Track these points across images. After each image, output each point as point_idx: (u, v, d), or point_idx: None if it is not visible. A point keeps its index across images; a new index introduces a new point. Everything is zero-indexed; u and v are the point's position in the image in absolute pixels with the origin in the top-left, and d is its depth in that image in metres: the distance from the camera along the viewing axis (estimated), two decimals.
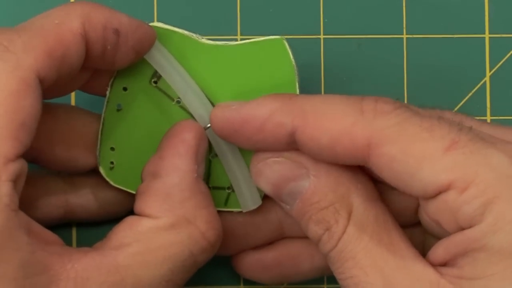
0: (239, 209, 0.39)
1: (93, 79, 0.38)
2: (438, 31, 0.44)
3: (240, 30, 0.44)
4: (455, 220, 0.34)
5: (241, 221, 0.40)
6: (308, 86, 0.43)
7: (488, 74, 0.44)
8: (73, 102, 0.43)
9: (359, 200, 0.36)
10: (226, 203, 0.39)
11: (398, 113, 0.35)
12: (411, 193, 0.35)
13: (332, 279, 0.43)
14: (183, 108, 0.38)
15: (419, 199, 0.36)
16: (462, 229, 0.34)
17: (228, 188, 0.39)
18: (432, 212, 0.35)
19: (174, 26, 0.39)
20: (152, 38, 0.37)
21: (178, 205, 0.36)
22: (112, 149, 0.39)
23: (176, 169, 0.36)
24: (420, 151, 0.34)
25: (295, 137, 0.36)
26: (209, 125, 0.38)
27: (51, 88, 0.35)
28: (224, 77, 0.38)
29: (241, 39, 0.43)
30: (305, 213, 0.36)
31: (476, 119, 0.38)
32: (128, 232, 0.35)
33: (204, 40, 0.38)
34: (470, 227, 0.33)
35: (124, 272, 0.34)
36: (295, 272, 0.41)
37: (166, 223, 0.36)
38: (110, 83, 0.38)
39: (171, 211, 0.36)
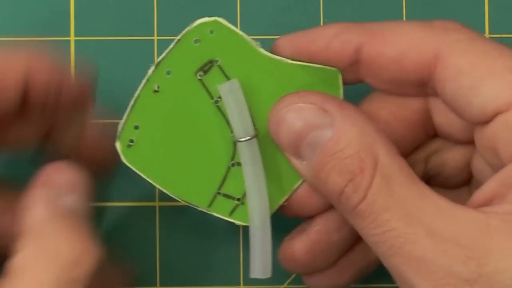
0: (243, 223, 0.39)
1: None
2: None
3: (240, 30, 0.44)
4: None
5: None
6: None
7: None
8: None
9: (384, 152, 0.34)
10: (231, 214, 0.39)
11: (468, 31, 0.35)
12: (470, 113, 0.34)
13: None
14: (219, 109, 0.38)
15: (475, 127, 0.35)
16: None
17: (239, 199, 0.39)
18: (489, 137, 0.34)
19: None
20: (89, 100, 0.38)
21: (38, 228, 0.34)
22: (137, 127, 0.38)
23: (32, 200, 0.35)
24: (488, 66, 0.33)
25: (361, 54, 0.35)
26: (242, 139, 0.37)
27: None
28: (271, 92, 0.38)
29: None
30: (325, 165, 0.34)
31: None
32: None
33: (262, 50, 0.38)
34: None
35: None
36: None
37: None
38: (156, 63, 0.38)
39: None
